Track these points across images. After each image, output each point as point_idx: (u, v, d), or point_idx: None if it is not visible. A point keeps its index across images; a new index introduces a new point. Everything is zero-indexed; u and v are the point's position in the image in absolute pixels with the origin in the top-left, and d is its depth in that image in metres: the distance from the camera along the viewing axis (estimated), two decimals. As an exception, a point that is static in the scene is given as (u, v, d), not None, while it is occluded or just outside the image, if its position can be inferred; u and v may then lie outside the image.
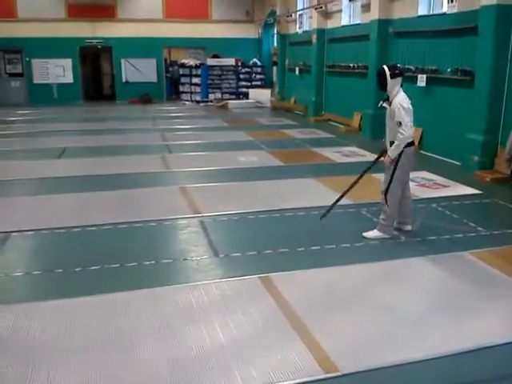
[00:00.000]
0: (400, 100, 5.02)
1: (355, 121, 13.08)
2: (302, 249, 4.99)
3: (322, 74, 15.23)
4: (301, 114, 16.49)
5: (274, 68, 20.51)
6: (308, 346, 3.30)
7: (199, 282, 4.27)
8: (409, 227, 5.47)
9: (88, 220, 5.82)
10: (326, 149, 10.32)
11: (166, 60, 22.01)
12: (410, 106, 5.05)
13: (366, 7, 12.16)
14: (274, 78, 20.54)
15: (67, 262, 4.65)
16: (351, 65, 13.17)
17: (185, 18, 20.48)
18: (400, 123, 4.98)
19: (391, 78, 5.06)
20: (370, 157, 9.00)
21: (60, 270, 4.50)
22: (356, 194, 5.86)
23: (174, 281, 4.32)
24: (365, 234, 5.30)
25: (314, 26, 15.17)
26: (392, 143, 5.11)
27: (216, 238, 5.32)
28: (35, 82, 20.06)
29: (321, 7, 14.55)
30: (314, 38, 15.18)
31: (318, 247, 5.03)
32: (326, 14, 14.81)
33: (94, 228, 5.58)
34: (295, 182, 7.67)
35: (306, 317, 3.66)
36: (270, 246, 5.03)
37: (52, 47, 19.43)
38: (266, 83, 20.90)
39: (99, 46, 20.62)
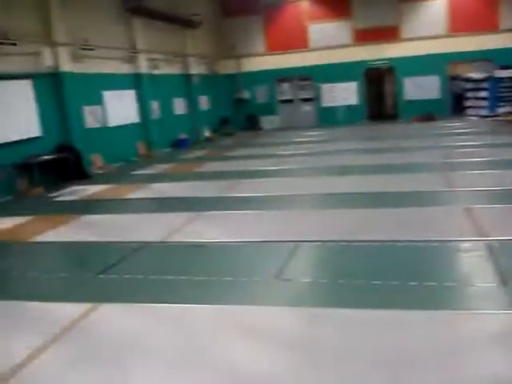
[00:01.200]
0: None
1: None
2: None
3: None
4: None
5: None
6: None
7: (482, 311, 3.99)
8: None
9: (368, 235, 6.02)
10: None
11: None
12: None
13: None
14: None
15: (350, 274, 4.91)
16: None
17: (470, 31, 19.56)
18: None
19: None
20: None
21: (342, 281, 4.78)
22: None
23: (455, 306, 4.13)
24: None
25: None
26: None
27: (505, 264, 4.86)
28: (323, 105, 21.80)
29: None
30: None
31: None
32: None
33: (374, 244, 5.75)
34: None
35: None
36: None
37: (339, 72, 20.86)
38: None
39: (383, 67, 21.18)
